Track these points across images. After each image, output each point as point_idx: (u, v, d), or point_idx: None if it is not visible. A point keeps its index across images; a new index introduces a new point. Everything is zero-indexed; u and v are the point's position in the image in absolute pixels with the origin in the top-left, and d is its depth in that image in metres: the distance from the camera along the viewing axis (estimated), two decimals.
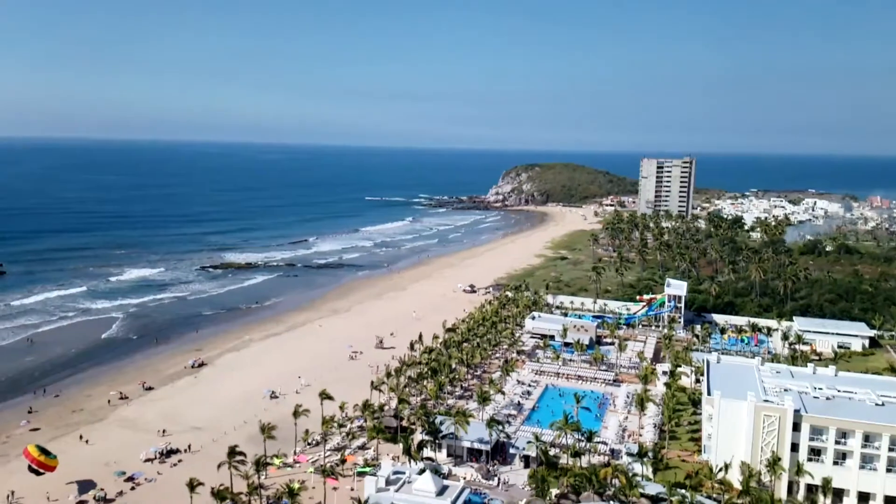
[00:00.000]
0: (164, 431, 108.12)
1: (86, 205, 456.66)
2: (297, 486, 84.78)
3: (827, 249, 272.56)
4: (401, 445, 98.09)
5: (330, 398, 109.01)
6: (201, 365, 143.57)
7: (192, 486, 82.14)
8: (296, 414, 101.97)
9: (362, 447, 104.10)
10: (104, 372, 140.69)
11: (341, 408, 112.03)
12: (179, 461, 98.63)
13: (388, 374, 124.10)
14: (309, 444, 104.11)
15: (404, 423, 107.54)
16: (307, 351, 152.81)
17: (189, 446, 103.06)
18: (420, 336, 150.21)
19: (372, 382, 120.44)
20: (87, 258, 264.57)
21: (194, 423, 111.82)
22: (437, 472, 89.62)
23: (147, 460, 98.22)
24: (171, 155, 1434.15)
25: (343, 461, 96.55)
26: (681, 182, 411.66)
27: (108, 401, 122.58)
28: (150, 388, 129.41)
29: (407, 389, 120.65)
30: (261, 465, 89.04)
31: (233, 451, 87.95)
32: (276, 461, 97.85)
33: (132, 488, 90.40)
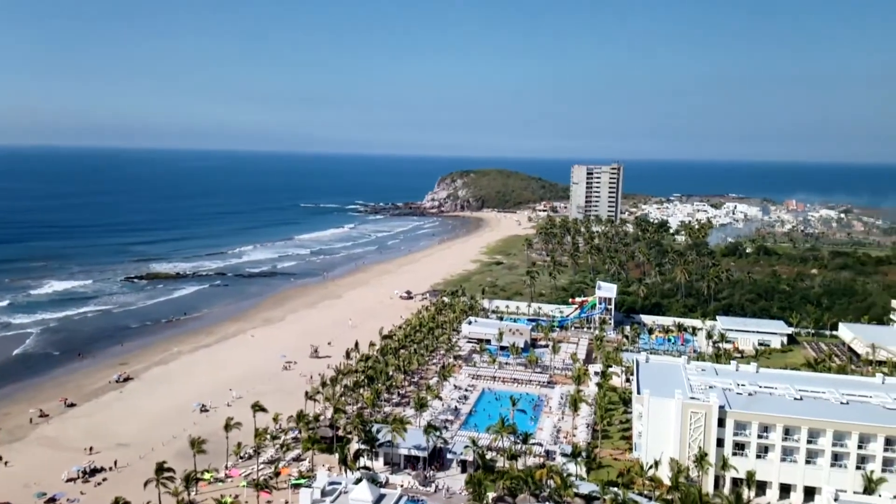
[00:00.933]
0: (90, 449, 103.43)
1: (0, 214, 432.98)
2: (229, 500, 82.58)
3: (747, 251, 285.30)
4: (337, 456, 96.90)
5: (263, 410, 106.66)
6: (127, 379, 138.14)
7: None
8: (227, 427, 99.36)
9: (297, 459, 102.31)
10: (22, 389, 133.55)
11: (275, 419, 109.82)
12: (104, 480, 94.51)
13: (324, 384, 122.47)
14: (241, 457, 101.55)
15: (340, 433, 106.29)
16: (239, 362, 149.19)
17: (115, 463, 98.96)
18: (356, 344, 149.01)
19: (307, 392, 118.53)
20: (4, 271, 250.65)
21: (120, 439, 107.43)
22: (373, 480, 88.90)
23: (69, 480, 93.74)
24: (96, 162, 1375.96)
25: (277, 474, 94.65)
26: (609, 188, 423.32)
27: (30, 419, 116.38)
28: (72, 405, 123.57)
29: (343, 398, 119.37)
30: (191, 480, 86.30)
31: (161, 468, 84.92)
32: (207, 476, 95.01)
33: None
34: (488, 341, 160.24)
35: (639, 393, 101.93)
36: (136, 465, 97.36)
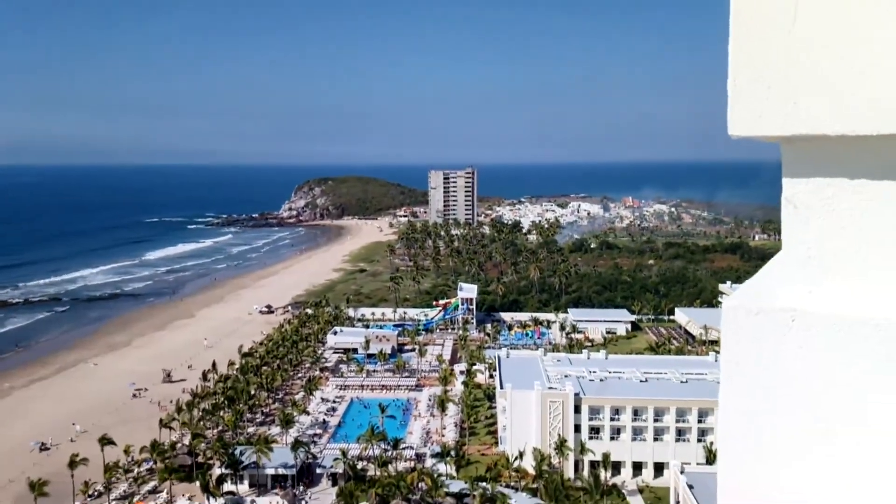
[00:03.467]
0: None
1: None
2: None
3: (591, 246, 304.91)
4: (198, 483, 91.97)
5: (112, 443, 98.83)
6: None
7: None
8: (72, 465, 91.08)
9: (153, 491, 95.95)
10: None
11: (126, 452, 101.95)
12: None
13: (179, 409, 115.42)
14: (90, 496, 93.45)
15: (200, 459, 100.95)
16: (81, 394, 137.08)
17: None
18: (213, 364, 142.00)
19: (161, 420, 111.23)
20: None
21: None
22: None
23: None
24: None
25: None
26: (465, 192, 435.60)
27: None
28: None
29: (202, 423, 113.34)
30: None
31: None
32: None
33: None
34: (355, 350, 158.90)
35: (501, 388, 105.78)
36: None
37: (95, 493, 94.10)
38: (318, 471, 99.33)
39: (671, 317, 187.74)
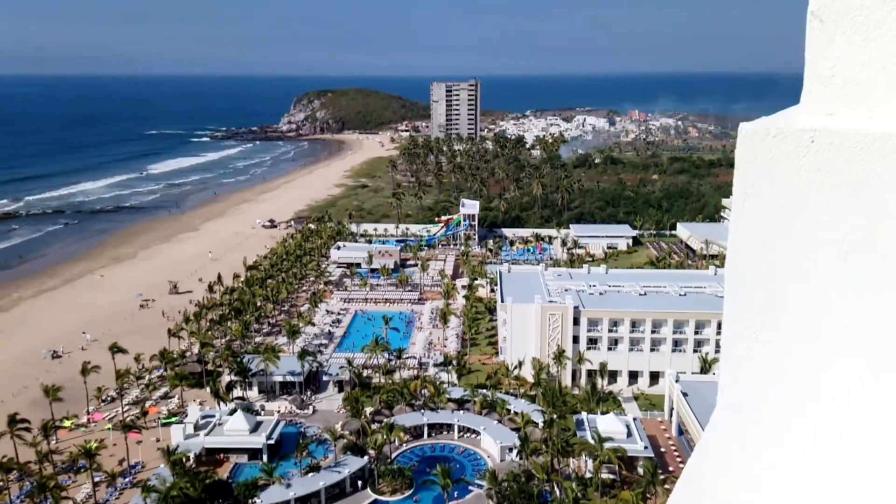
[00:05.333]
0: None
1: None
2: (94, 445, 79.20)
3: (595, 161, 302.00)
4: (208, 390, 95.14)
5: (122, 351, 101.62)
6: None
7: None
8: (84, 372, 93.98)
9: (165, 397, 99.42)
10: None
11: (136, 359, 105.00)
12: None
13: (187, 320, 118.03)
14: (103, 401, 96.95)
15: (210, 367, 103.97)
16: (90, 304, 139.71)
17: None
18: (219, 277, 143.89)
19: (169, 330, 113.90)
20: None
21: None
22: (249, 409, 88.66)
23: None
24: None
25: (145, 413, 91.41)
26: (468, 105, 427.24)
27: None
28: None
29: (210, 333, 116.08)
30: (49, 429, 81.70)
31: (13, 419, 79.49)
32: (67, 423, 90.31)
33: None
34: (358, 265, 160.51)
35: (502, 301, 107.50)
36: None
37: (108, 399, 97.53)
38: (325, 378, 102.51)
39: (673, 232, 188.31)
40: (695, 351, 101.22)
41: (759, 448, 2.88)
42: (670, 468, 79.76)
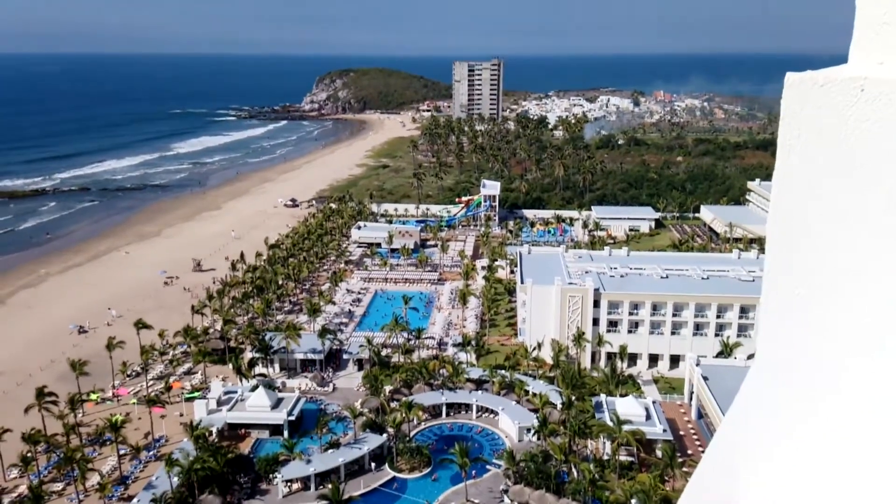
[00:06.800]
0: None
1: None
2: (119, 418, 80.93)
3: (619, 143, 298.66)
4: (230, 366, 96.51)
5: (147, 327, 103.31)
6: None
7: None
8: (109, 347, 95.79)
9: (188, 373, 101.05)
10: None
11: (161, 335, 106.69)
12: None
13: (210, 297, 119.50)
14: (128, 375, 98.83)
15: (232, 344, 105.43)
16: (115, 281, 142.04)
17: None
18: (242, 255, 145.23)
19: (193, 307, 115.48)
20: None
21: None
22: (270, 386, 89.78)
23: None
24: None
25: (169, 388, 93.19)
26: (491, 85, 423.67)
27: None
28: None
29: (232, 310, 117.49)
30: (76, 402, 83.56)
31: (41, 392, 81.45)
32: (94, 397, 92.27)
33: None
34: (379, 245, 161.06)
35: (522, 282, 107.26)
36: (13, 393, 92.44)
37: (133, 373, 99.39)
38: (345, 356, 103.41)
39: (696, 214, 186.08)
40: (716, 335, 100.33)
41: (795, 400, 2.88)
42: (689, 451, 79.56)
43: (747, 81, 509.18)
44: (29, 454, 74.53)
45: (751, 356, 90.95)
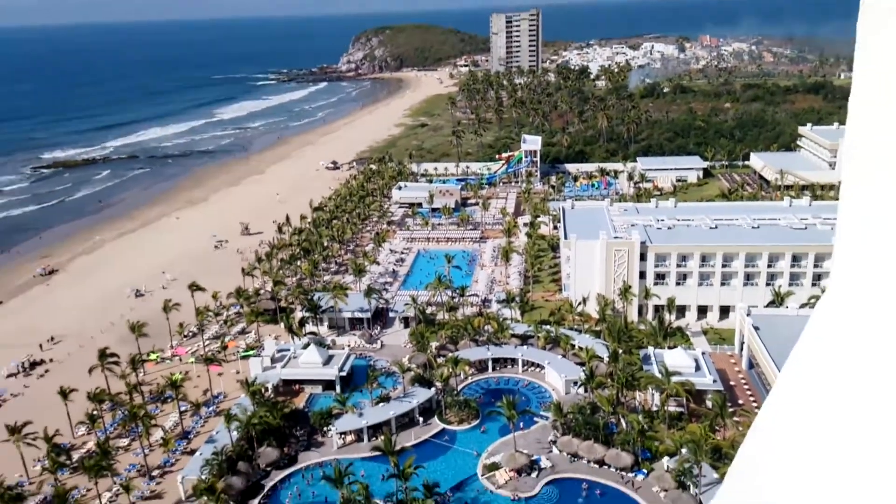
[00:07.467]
0: (51, 339, 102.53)
1: None
2: (179, 377, 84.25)
3: (664, 91, 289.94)
4: (282, 325, 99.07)
5: (201, 289, 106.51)
6: (52, 272, 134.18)
7: (65, 393, 79.29)
8: (166, 309, 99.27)
9: (242, 332, 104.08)
10: None
11: (214, 297, 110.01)
12: (46, 371, 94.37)
13: (259, 259, 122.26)
14: (185, 336, 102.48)
15: (283, 304, 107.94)
16: (167, 245, 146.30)
17: (49, 337, 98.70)
18: (287, 218, 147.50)
19: (243, 269, 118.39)
20: None
21: (56, 331, 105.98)
22: (321, 344, 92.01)
23: (10, 375, 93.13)
24: None
25: (224, 348, 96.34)
26: (530, 36, 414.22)
27: None
28: None
29: (281, 272, 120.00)
30: (136, 363, 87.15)
31: (104, 353, 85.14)
32: (154, 357, 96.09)
33: None
34: (420, 204, 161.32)
35: (566, 238, 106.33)
36: (76, 355, 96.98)
37: (190, 334, 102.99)
38: (391, 314, 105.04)
39: (746, 162, 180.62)
40: (767, 284, 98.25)
41: (869, 330, 2.93)
42: (740, 401, 78.96)
43: (798, 22, 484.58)
44: (95, 412, 78.36)
45: (803, 305, 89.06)
